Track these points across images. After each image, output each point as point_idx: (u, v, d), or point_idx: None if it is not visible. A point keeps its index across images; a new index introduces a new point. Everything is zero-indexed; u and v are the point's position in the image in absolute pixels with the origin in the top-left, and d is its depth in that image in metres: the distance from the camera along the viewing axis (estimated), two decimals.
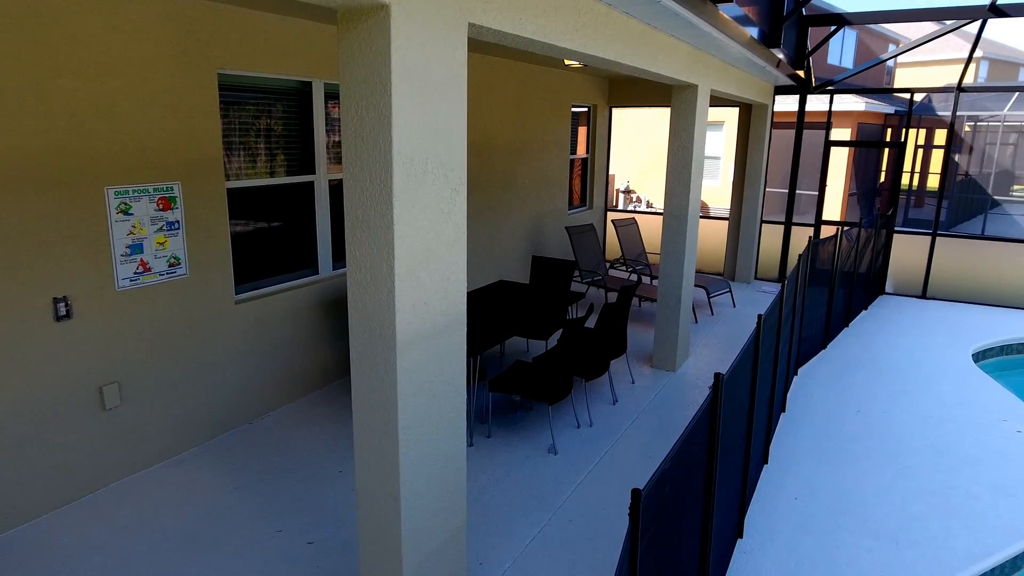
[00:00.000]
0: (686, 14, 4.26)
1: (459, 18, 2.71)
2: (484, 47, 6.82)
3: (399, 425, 2.72)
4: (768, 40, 7.88)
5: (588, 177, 10.54)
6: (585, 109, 10.24)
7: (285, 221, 5.40)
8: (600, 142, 10.54)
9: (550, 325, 5.73)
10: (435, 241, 2.75)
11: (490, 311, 5.75)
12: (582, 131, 10.35)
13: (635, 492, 1.97)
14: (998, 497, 4.33)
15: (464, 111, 2.82)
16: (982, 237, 10.41)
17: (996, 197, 18.54)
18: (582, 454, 4.75)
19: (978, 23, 8.19)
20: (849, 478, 4.53)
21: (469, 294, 6.26)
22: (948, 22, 8.42)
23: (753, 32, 7.57)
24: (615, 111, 10.85)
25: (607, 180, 10.90)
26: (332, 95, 5.60)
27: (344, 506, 4.04)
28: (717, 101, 8.99)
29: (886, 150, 17.61)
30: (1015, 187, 22.06)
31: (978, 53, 27.74)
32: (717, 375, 2.88)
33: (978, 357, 7.12)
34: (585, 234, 8.75)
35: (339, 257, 5.87)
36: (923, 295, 9.26)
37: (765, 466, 4.66)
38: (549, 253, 9.20)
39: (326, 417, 5.22)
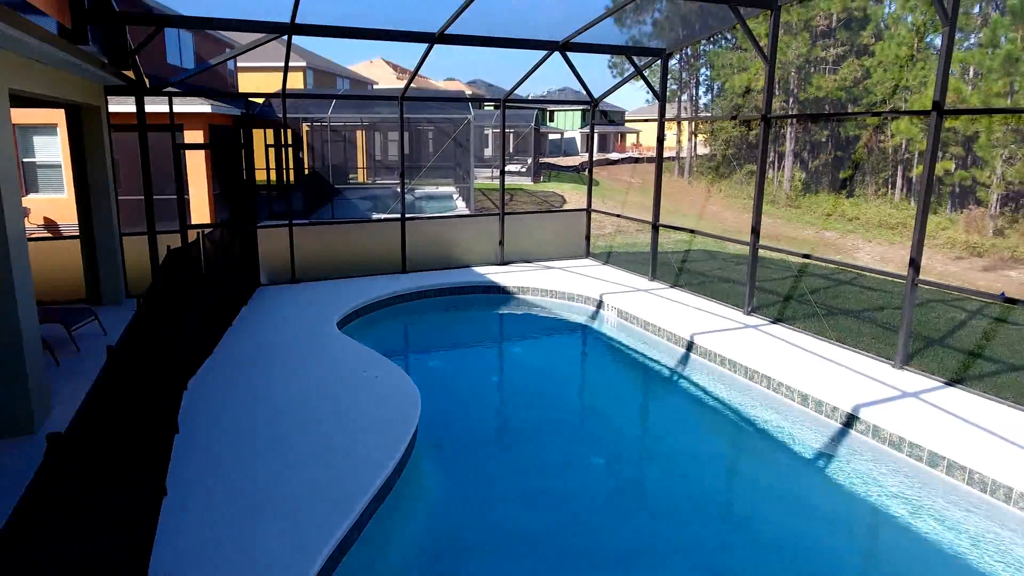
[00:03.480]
0: None
1: None
2: None
3: None
4: (72, 36, 7.05)
5: None
6: None
7: None
8: None
9: None
10: None
11: None
12: None
13: None
14: (368, 436, 5.20)
15: None
16: (332, 221, 12.25)
17: (337, 186, 22.17)
18: None
19: (295, 37, 9.27)
20: (256, 466, 4.66)
21: None
22: (263, 34, 9.24)
23: (51, 26, 6.63)
24: None
25: None
26: None
27: None
28: (38, 102, 7.56)
29: (241, 150, 18.63)
30: (351, 176, 26.89)
31: (302, 63, 32.08)
32: (50, 437, 2.42)
33: (342, 324, 8.40)
34: None
35: None
36: (294, 280, 10.30)
37: (165, 498, 4.34)
38: None
39: None
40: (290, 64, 30.53)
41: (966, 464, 4.99)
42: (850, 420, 5.89)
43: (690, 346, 7.89)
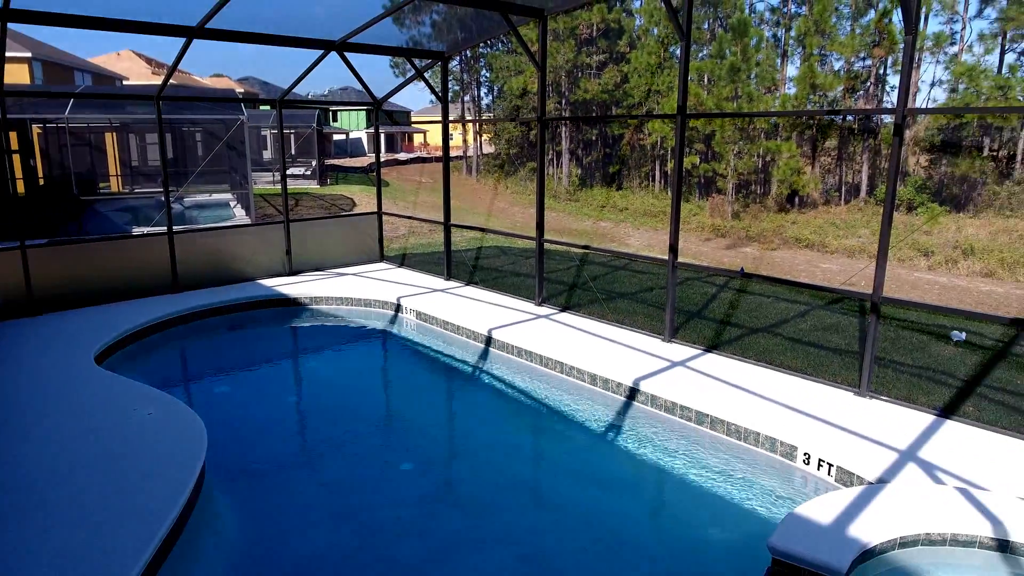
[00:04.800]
0: None
1: None
2: None
3: None
4: None
5: None
6: None
7: None
8: None
9: None
10: None
11: None
12: None
13: None
14: (145, 484, 4.57)
15: None
16: (79, 239, 10.55)
17: (85, 198, 19.18)
18: None
19: (11, 24, 7.76)
20: None
21: None
22: None
23: None
24: None
25: None
26: None
27: None
28: None
29: None
30: (102, 185, 23.49)
31: (26, 53, 27.34)
32: None
33: (102, 358, 7.29)
34: None
35: None
36: (33, 312, 8.69)
37: None
38: None
39: None
40: (9, 55, 25.79)
41: (724, 418, 5.78)
42: (632, 393, 6.51)
43: (488, 341, 8.13)
